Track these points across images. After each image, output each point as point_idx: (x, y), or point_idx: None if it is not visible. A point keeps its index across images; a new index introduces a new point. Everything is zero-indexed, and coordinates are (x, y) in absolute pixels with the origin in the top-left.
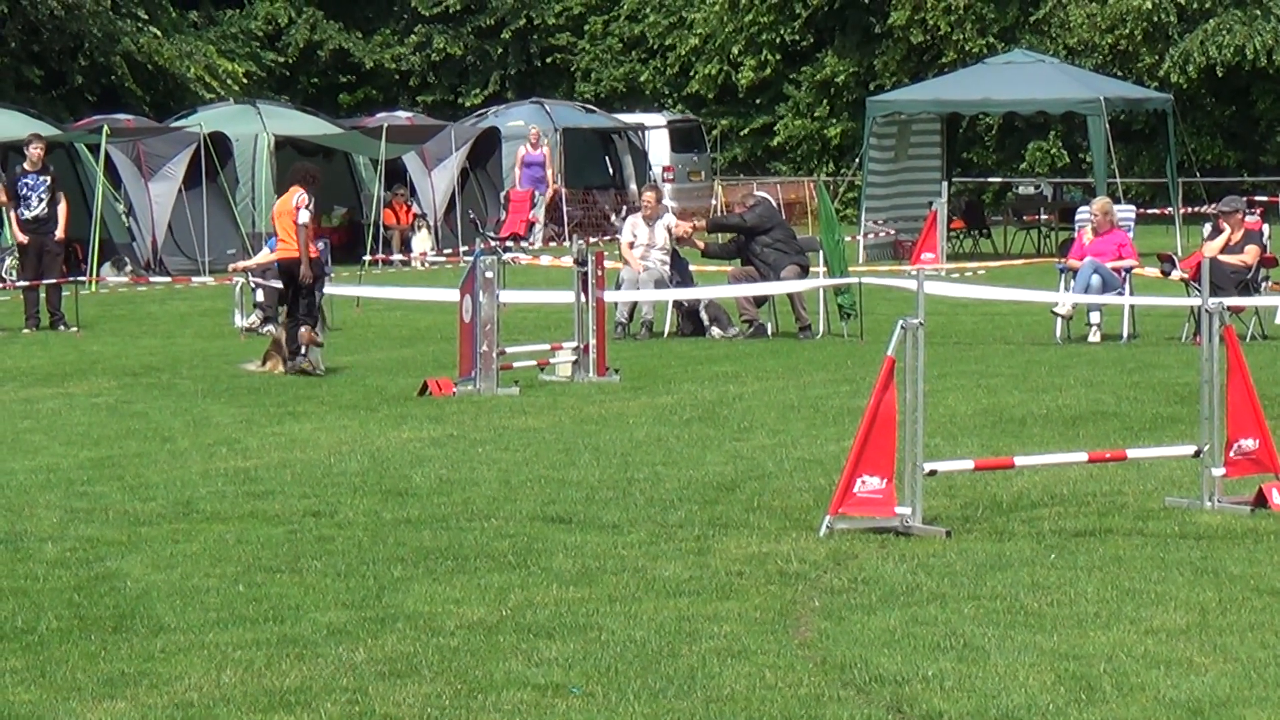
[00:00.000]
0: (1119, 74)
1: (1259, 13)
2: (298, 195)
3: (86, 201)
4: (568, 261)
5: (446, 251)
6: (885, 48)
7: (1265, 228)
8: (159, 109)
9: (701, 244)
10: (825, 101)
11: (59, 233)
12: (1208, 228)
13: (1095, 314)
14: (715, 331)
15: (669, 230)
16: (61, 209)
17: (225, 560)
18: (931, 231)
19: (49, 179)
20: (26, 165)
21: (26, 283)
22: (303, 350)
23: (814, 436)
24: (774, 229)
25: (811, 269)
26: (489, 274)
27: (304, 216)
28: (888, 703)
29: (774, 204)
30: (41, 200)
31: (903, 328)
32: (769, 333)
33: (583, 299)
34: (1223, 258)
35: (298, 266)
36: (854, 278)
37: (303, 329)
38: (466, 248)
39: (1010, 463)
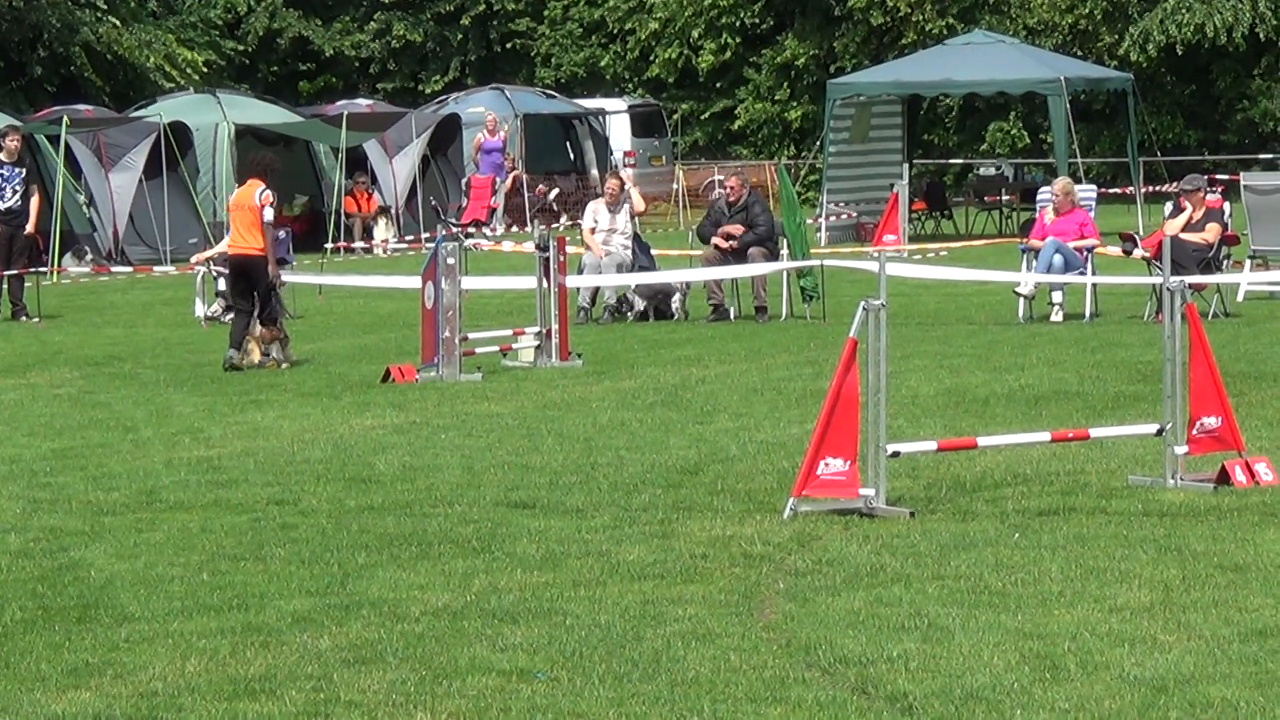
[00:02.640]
0: (1079, 54)
1: None
2: (260, 191)
3: (47, 192)
4: (529, 247)
5: (408, 238)
6: (845, 30)
7: (1226, 206)
8: (119, 99)
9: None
10: (786, 85)
11: (29, 226)
12: (1169, 206)
13: (1057, 294)
14: (675, 301)
15: (632, 215)
16: (34, 202)
17: (189, 549)
18: (893, 213)
19: (24, 171)
20: (3, 156)
21: None
22: (268, 352)
23: (777, 419)
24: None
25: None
26: (451, 260)
27: (270, 214)
28: (852, 684)
29: None
30: (15, 192)
31: (865, 309)
32: (731, 316)
33: (545, 284)
34: (1184, 236)
35: (252, 263)
36: (816, 260)
37: (261, 329)
38: (428, 234)
39: (973, 443)
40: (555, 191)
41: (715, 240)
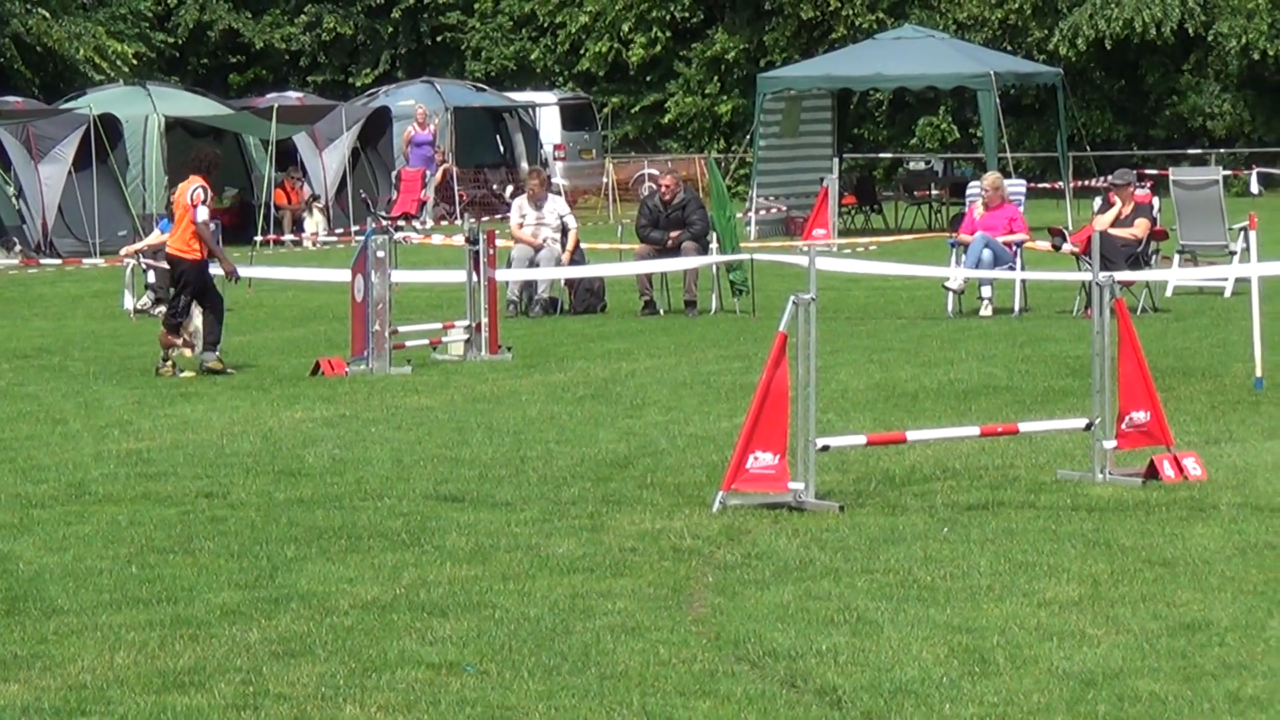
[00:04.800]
0: (1008, 48)
1: None
2: (194, 189)
3: None
4: (459, 240)
5: (338, 231)
6: (775, 24)
7: (1155, 201)
8: (48, 91)
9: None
10: (716, 78)
11: None
12: (1098, 201)
13: (986, 288)
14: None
15: (562, 216)
16: None
17: (118, 542)
18: (823, 207)
19: None
20: None
21: None
22: (166, 357)
23: (706, 413)
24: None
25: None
26: (381, 253)
27: (203, 214)
28: (782, 677)
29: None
30: None
31: (794, 303)
32: (661, 310)
33: (475, 278)
34: (1113, 231)
35: (176, 262)
36: (746, 254)
37: (161, 329)
38: (358, 227)
39: (902, 437)
40: (510, 189)
41: (658, 239)
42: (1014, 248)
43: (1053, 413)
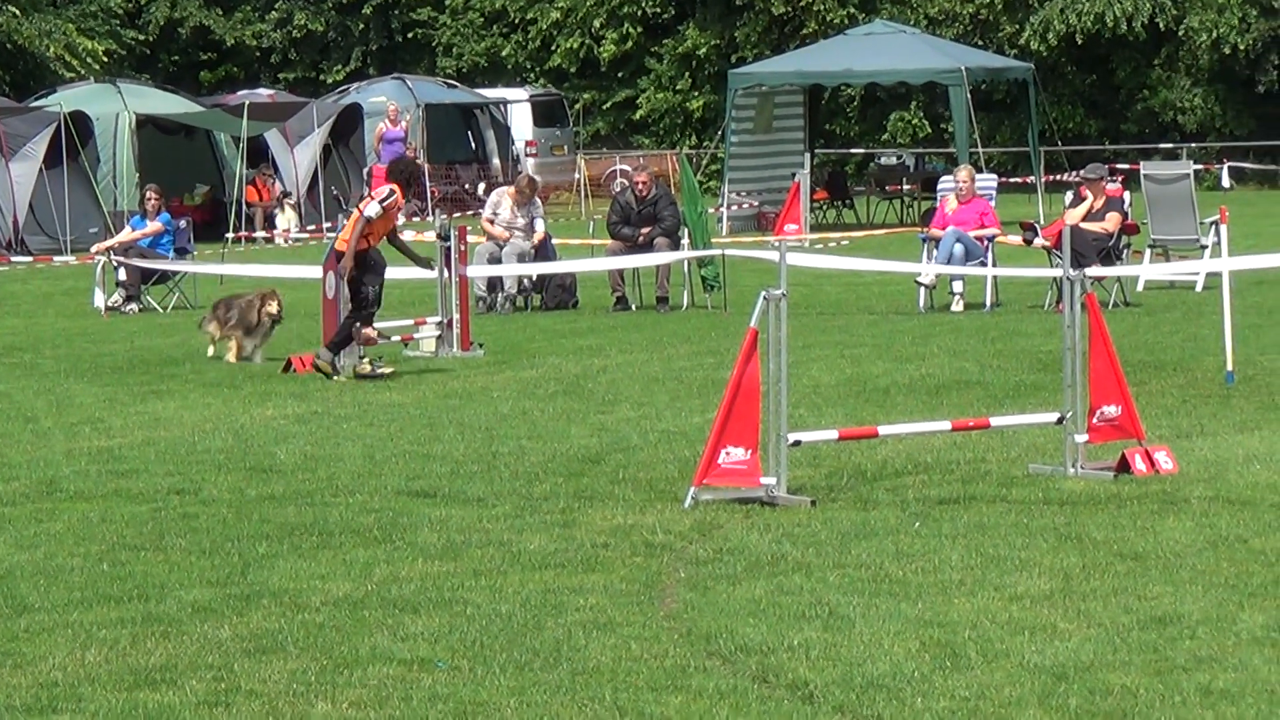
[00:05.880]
0: (980, 43)
1: None
2: (382, 188)
3: None
4: (431, 237)
5: (310, 228)
6: (747, 20)
7: (1126, 195)
8: (19, 89)
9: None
10: (687, 74)
11: None
12: (1069, 195)
13: (958, 283)
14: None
15: (535, 219)
16: None
17: (89, 539)
18: (795, 203)
19: None
20: None
21: None
22: (360, 354)
23: (678, 408)
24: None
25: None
26: None
27: (372, 209)
28: (753, 672)
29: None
30: None
31: (765, 299)
32: (632, 306)
33: (446, 274)
34: (1085, 225)
35: (359, 258)
36: (717, 250)
37: (359, 326)
38: (329, 224)
39: (874, 432)
40: (483, 186)
41: (629, 236)
42: (985, 242)
43: (1024, 407)
